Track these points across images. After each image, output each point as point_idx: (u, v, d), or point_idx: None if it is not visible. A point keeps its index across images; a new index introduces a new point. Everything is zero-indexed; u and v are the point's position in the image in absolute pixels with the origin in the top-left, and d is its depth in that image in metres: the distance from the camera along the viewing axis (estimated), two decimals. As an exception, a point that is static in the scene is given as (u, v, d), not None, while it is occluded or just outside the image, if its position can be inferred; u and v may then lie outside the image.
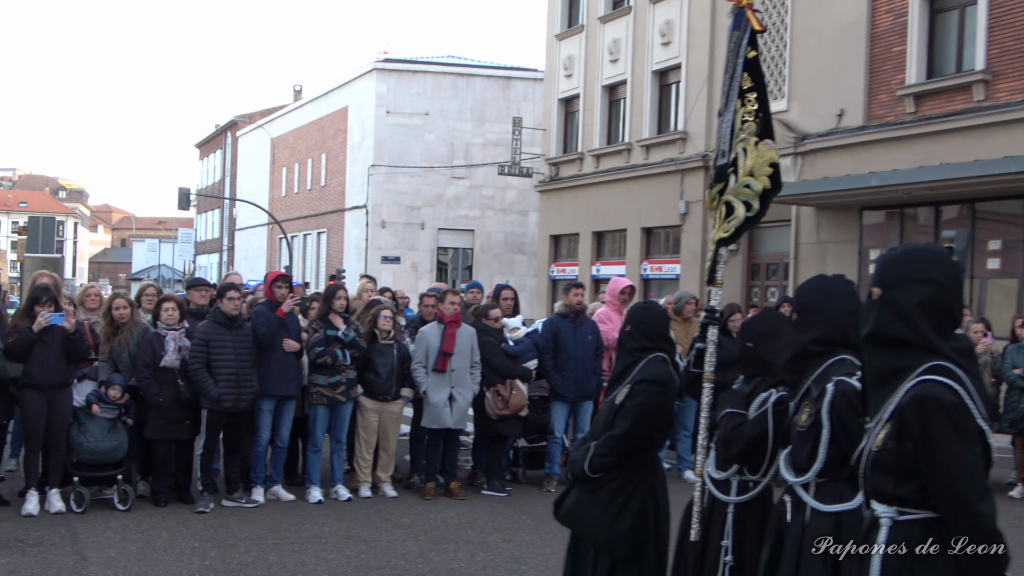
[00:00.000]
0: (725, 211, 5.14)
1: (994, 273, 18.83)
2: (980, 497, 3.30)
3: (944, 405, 3.31)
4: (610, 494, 5.32)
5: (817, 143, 21.94)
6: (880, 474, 3.47)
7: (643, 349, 5.45)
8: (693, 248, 25.76)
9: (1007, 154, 17.14)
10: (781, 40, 23.35)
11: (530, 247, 40.09)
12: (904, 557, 3.36)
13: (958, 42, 19.48)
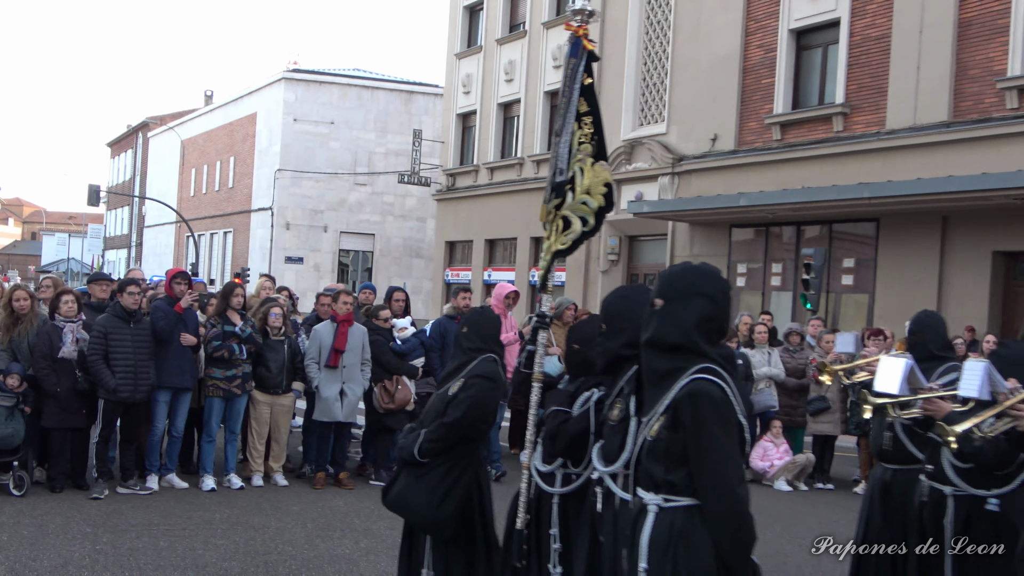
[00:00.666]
0: (562, 225, 5.23)
1: (847, 288, 19.43)
2: (739, 482, 3.54)
3: (714, 399, 3.55)
4: (437, 479, 5.40)
5: (693, 164, 22.36)
6: (653, 461, 3.64)
7: (477, 349, 5.60)
8: (577, 257, 25.96)
9: (861, 181, 17.72)
10: (663, 69, 23.74)
11: (427, 252, 40.02)
12: (668, 540, 3.54)
13: (821, 77, 20.07)
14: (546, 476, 5.00)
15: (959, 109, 17.15)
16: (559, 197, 5.23)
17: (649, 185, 23.62)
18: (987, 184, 15.44)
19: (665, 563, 3.54)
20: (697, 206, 21.04)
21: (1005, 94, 16.36)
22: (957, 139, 16.94)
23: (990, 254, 16.84)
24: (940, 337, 6.12)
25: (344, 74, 43.24)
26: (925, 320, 6.24)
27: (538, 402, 5.09)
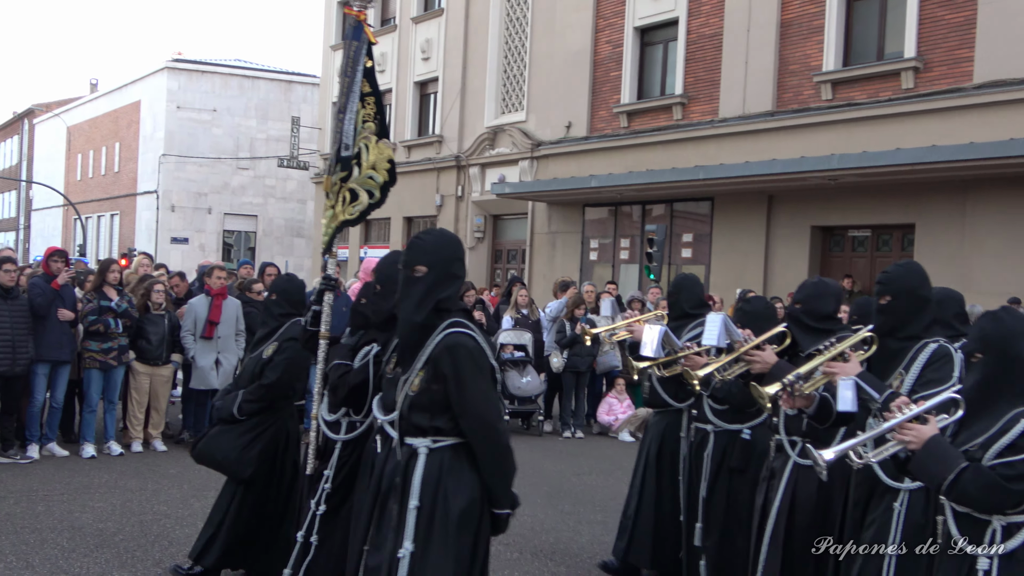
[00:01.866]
0: (350, 197, 5.23)
1: (687, 261, 19.93)
2: (498, 419, 3.71)
3: (469, 350, 3.68)
4: (246, 428, 5.43)
5: (550, 149, 22.54)
6: (417, 412, 3.74)
7: (287, 314, 5.65)
8: (447, 235, 25.94)
9: (697, 164, 18.17)
10: (522, 62, 23.83)
11: (308, 231, 39.35)
12: (439, 476, 3.66)
13: (662, 70, 20.44)
14: (331, 424, 4.98)
15: (782, 100, 17.73)
16: (345, 170, 5.21)
17: (511, 168, 23.73)
18: (805, 167, 16.02)
19: (437, 498, 3.64)
20: (553, 187, 21.24)
21: (821, 87, 16.98)
22: (780, 127, 17.51)
23: (809, 229, 17.51)
24: (694, 296, 6.39)
25: (226, 64, 42.01)
26: (681, 282, 6.52)
27: (324, 358, 5.02)
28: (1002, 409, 3.46)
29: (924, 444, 3.48)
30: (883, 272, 4.52)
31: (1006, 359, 3.52)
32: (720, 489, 5.75)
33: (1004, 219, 14.62)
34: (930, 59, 15.56)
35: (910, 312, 4.36)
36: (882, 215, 16.50)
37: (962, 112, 14.92)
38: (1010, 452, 3.35)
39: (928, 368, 4.19)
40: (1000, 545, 3.38)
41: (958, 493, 3.40)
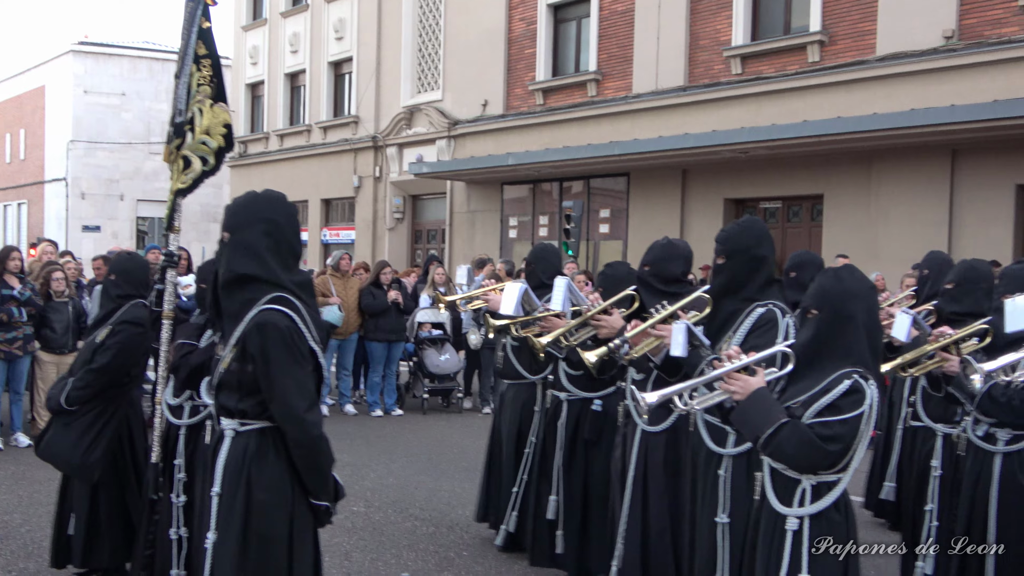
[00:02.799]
0: (183, 164, 4.96)
1: (605, 236, 20.12)
2: (308, 408, 3.41)
3: (280, 329, 3.37)
4: (85, 426, 5.10)
5: (466, 128, 22.50)
6: (226, 392, 3.49)
7: (126, 296, 5.34)
8: (366, 216, 25.79)
9: (612, 140, 18.33)
10: (437, 40, 23.70)
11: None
12: (242, 462, 3.41)
13: (576, 47, 20.54)
14: (175, 409, 4.84)
15: (693, 75, 17.96)
16: (179, 137, 4.96)
17: (428, 148, 23.63)
18: (717, 140, 16.28)
19: (239, 484, 3.39)
20: (471, 166, 21.22)
21: (731, 62, 17.24)
22: (692, 101, 17.74)
23: (722, 201, 17.81)
24: (551, 266, 6.37)
25: (134, 46, 40.89)
26: (539, 252, 6.53)
27: (168, 339, 4.84)
28: (828, 368, 3.44)
29: (749, 395, 3.45)
30: (721, 231, 4.46)
31: (840, 318, 3.48)
32: (577, 462, 5.69)
33: (907, 188, 15.07)
34: (835, 33, 15.91)
35: (746, 272, 4.26)
36: (792, 186, 16.86)
37: (866, 84, 15.30)
38: (829, 412, 3.34)
39: (752, 334, 4.14)
40: (809, 506, 3.37)
41: (774, 448, 3.36)
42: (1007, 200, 14.22)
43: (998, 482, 4.40)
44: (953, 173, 14.73)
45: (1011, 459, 4.40)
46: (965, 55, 14.25)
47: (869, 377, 3.39)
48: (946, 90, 14.11)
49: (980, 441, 4.51)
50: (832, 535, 3.37)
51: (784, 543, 3.38)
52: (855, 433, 3.31)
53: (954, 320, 4.99)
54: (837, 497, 3.39)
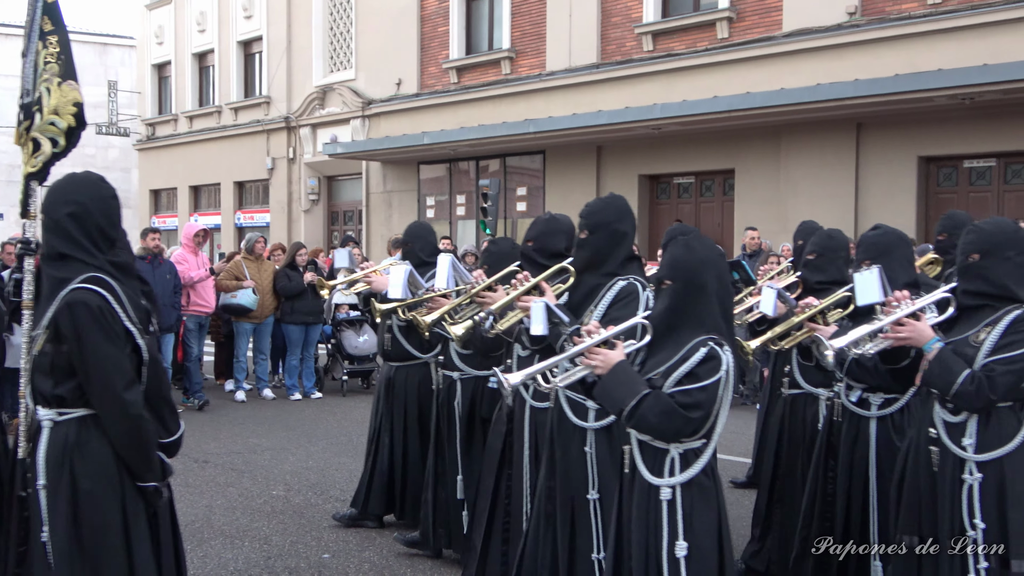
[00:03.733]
0: (33, 147, 4.78)
1: (522, 214, 20.17)
2: (126, 387, 3.38)
3: (91, 308, 3.34)
4: None
5: (381, 107, 22.30)
6: (41, 376, 3.45)
7: None
8: (281, 199, 25.41)
9: (527, 118, 18.36)
10: (348, 18, 23.39)
11: (134, 201, 37.67)
12: (63, 452, 3.38)
13: (489, 25, 20.48)
14: None
15: (605, 52, 18.07)
16: (28, 119, 4.77)
17: (342, 128, 23.36)
18: (630, 117, 16.43)
19: (62, 475, 3.37)
20: (386, 145, 21.04)
21: (642, 38, 17.39)
22: (605, 79, 17.86)
23: (636, 178, 17.99)
24: (429, 245, 6.37)
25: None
26: (415, 230, 6.48)
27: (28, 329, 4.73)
28: (685, 337, 3.48)
29: (610, 369, 3.48)
30: (584, 206, 4.49)
31: (693, 287, 3.53)
32: (476, 441, 5.69)
33: (815, 161, 15.43)
34: (743, 9, 16.16)
35: (607, 247, 4.30)
36: (704, 162, 17.12)
37: (773, 60, 15.60)
38: (688, 380, 3.39)
39: (613, 306, 4.17)
40: (680, 475, 3.43)
41: (638, 420, 3.39)
42: (910, 171, 14.67)
43: (875, 445, 4.55)
44: (858, 146, 15.13)
45: (885, 423, 4.55)
46: (868, 31, 14.62)
47: (724, 343, 3.46)
48: (850, 65, 14.47)
49: (854, 407, 4.64)
50: (704, 500, 3.45)
51: (661, 513, 3.44)
52: (715, 399, 3.38)
53: (819, 289, 5.07)
54: (705, 463, 3.46)
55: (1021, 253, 3.87)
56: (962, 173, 14.64)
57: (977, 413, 3.76)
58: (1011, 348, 3.70)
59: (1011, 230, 3.94)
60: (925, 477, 3.92)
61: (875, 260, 4.46)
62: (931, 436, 3.89)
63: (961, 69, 12.96)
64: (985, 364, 3.71)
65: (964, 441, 3.78)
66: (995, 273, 3.85)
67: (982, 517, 3.70)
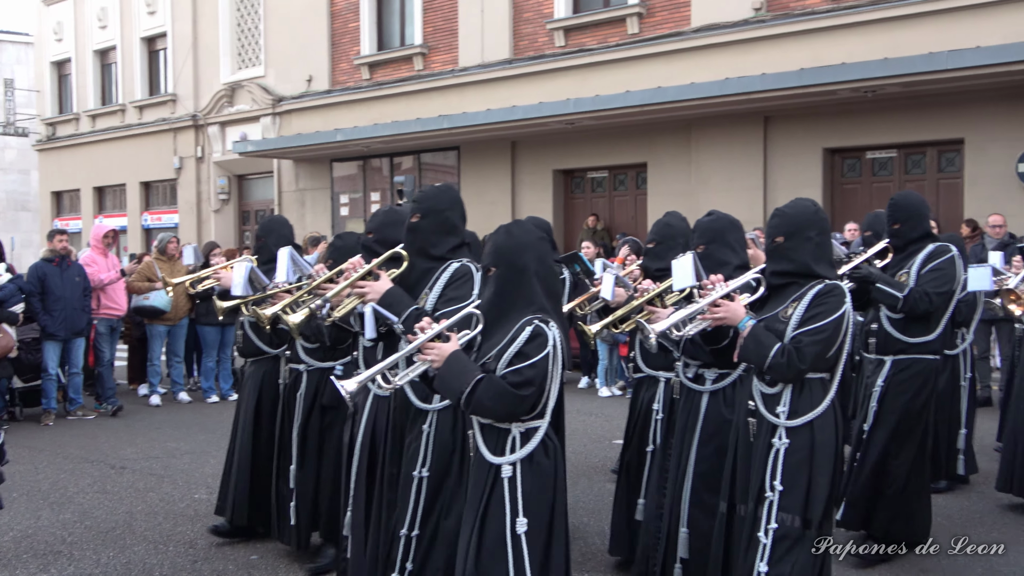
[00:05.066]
0: None
1: (438, 211, 20.10)
2: None
3: None
4: None
5: (292, 104, 22.00)
6: None
7: None
8: (189, 199, 24.87)
9: (441, 114, 18.32)
10: (256, 14, 23.00)
11: (34, 204, 36.44)
12: None
13: (401, 21, 20.36)
14: None
15: (518, 48, 18.15)
16: None
17: (252, 126, 22.97)
18: (544, 112, 16.51)
19: None
20: (298, 143, 20.77)
21: (554, 34, 17.51)
22: (518, 74, 17.93)
23: (551, 172, 18.13)
24: (283, 239, 6.24)
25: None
26: (269, 225, 6.44)
27: None
28: (514, 319, 3.59)
29: (445, 361, 3.56)
30: (418, 191, 4.61)
31: (515, 270, 3.65)
32: (313, 428, 5.65)
33: (725, 154, 15.75)
34: (652, 5, 16.39)
35: (437, 233, 4.37)
36: (617, 156, 17.33)
37: (683, 55, 15.86)
38: (518, 359, 3.49)
39: (449, 287, 4.26)
40: (520, 451, 3.54)
41: (475, 405, 3.48)
42: (815, 163, 15.08)
43: (703, 417, 4.76)
44: (766, 139, 15.50)
45: (716, 396, 4.75)
46: (773, 26, 14.97)
47: (550, 320, 3.57)
48: (757, 59, 14.80)
49: (690, 383, 4.86)
50: (541, 478, 3.54)
51: (503, 491, 3.53)
52: (544, 374, 3.49)
53: (658, 276, 5.19)
54: (540, 440, 3.55)
55: (821, 233, 4.19)
56: (865, 164, 15.11)
57: (790, 383, 4.03)
58: (815, 320, 3.99)
59: (811, 212, 4.23)
60: (743, 447, 4.18)
61: (708, 244, 4.78)
62: (750, 408, 4.15)
63: (863, 63, 13.37)
64: (793, 336, 3.99)
65: (778, 409, 4.05)
66: (798, 253, 4.15)
67: (782, 480, 3.96)
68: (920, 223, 5.78)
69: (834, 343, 4.01)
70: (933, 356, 5.67)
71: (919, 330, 5.63)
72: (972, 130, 13.66)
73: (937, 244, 5.71)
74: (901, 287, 5.55)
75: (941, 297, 5.58)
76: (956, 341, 7.31)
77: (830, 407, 4.03)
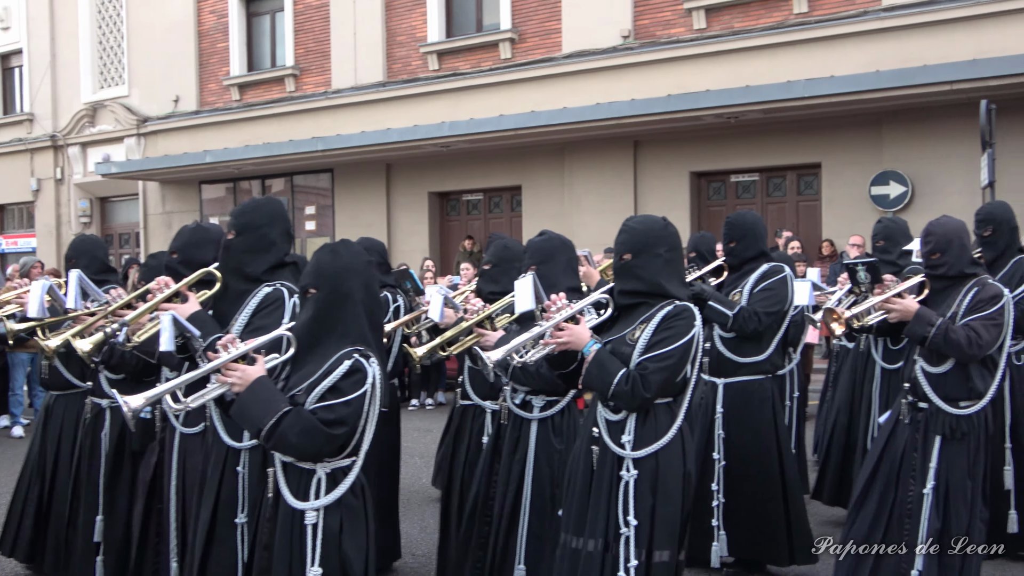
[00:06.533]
0: None
1: (311, 233, 19.85)
2: None
3: None
4: None
5: (158, 125, 21.37)
6: None
7: None
8: (48, 222, 23.82)
9: (315, 136, 18.13)
10: (119, 31, 22.28)
11: None
12: None
13: (272, 42, 20.07)
14: None
15: (392, 70, 18.13)
16: None
17: (116, 147, 22.20)
18: (419, 135, 16.52)
19: None
20: (165, 165, 20.18)
21: (428, 57, 17.57)
22: (393, 96, 17.88)
23: (427, 195, 18.14)
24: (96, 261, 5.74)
25: None
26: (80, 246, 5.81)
27: None
28: (331, 349, 3.32)
29: (248, 386, 3.27)
30: (236, 206, 4.28)
31: (338, 295, 3.38)
32: (123, 476, 5.18)
33: (597, 177, 16.09)
34: (524, 31, 16.66)
35: (253, 251, 4.09)
36: (492, 179, 17.48)
37: (556, 80, 16.14)
38: (332, 395, 3.22)
39: (256, 314, 3.98)
40: (324, 497, 3.27)
41: (277, 439, 3.19)
42: (683, 186, 15.56)
43: (534, 446, 4.54)
44: (636, 163, 15.91)
45: (545, 424, 4.56)
46: (641, 53, 15.41)
47: (371, 355, 3.32)
48: (627, 86, 15.20)
49: (518, 409, 4.62)
50: (351, 521, 3.32)
51: (305, 539, 3.26)
52: (359, 414, 3.24)
53: (492, 299, 5.03)
54: (352, 482, 3.32)
55: (671, 249, 3.95)
56: (730, 187, 15.68)
57: (635, 412, 3.79)
58: (662, 344, 3.73)
59: (659, 228, 4.00)
60: (584, 476, 3.90)
61: (540, 265, 4.52)
62: (593, 435, 3.87)
63: (726, 90, 13.91)
64: (639, 363, 3.73)
65: (623, 438, 3.79)
66: (647, 271, 3.89)
67: (635, 514, 3.72)
68: (755, 242, 5.70)
69: (681, 369, 3.78)
70: (764, 376, 5.58)
71: (750, 350, 5.54)
72: (828, 155, 14.36)
73: (771, 264, 5.64)
74: (733, 306, 5.48)
75: (771, 317, 5.48)
76: (784, 361, 7.39)
77: (677, 434, 3.82)
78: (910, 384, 4.70)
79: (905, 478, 4.62)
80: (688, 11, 15.07)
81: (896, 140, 13.81)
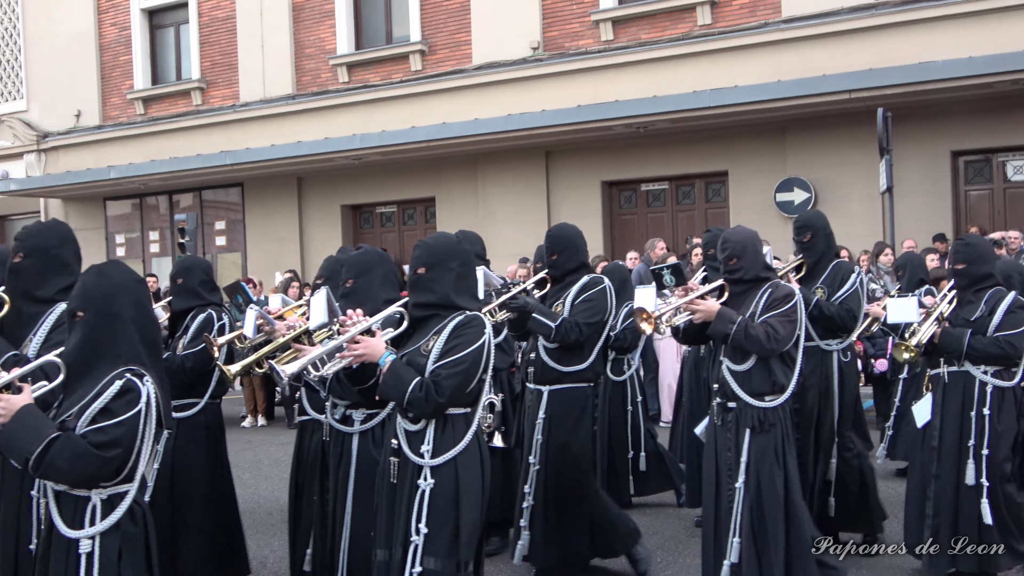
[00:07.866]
0: None
1: (222, 248, 19.52)
2: None
3: None
4: None
5: (59, 140, 20.74)
6: None
7: None
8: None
9: (223, 149, 17.84)
10: (15, 44, 21.60)
11: None
12: None
13: (176, 54, 19.68)
14: None
15: (301, 83, 17.95)
16: None
17: (15, 163, 21.45)
18: (330, 148, 16.37)
19: None
20: (67, 181, 19.56)
21: (337, 70, 17.44)
22: (303, 109, 17.69)
23: (339, 208, 17.99)
24: None
25: None
26: None
27: None
28: (103, 371, 3.24)
29: (13, 415, 3.13)
30: (23, 228, 4.32)
31: (107, 316, 3.30)
32: None
33: (510, 188, 16.17)
34: (434, 43, 16.67)
35: (44, 273, 4.09)
36: (406, 191, 17.42)
37: (467, 91, 16.17)
38: (103, 416, 3.14)
39: (55, 331, 3.95)
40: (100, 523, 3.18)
41: (47, 467, 3.06)
42: (595, 195, 15.75)
43: (355, 460, 4.59)
44: (548, 173, 16.04)
45: (366, 437, 4.60)
46: (551, 64, 15.56)
47: (145, 374, 3.27)
48: (538, 96, 15.31)
49: (338, 424, 4.67)
50: (131, 548, 3.22)
51: (79, 571, 3.15)
52: (134, 434, 3.16)
53: None
54: (129, 505, 3.23)
55: (463, 264, 4.06)
56: (640, 196, 15.92)
57: (431, 419, 3.86)
58: (454, 352, 3.82)
59: (452, 243, 4.12)
60: (389, 489, 3.96)
61: (357, 279, 4.59)
62: (392, 447, 3.95)
63: (635, 100, 14.11)
64: (432, 370, 3.80)
65: (422, 448, 3.85)
66: (439, 284, 3.99)
67: (428, 522, 3.77)
68: (575, 254, 5.80)
69: (474, 375, 3.85)
70: (586, 384, 5.70)
71: (573, 359, 5.65)
72: (735, 163, 14.69)
73: (591, 276, 5.78)
74: (555, 317, 5.59)
75: (591, 327, 5.60)
76: (623, 368, 7.43)
77: (474, 441, 3.88)
78: (719, 385, 4.90)
79: (723, 476, 4.84)
80: (595, 23, 15.28)
81: (799, 148, 14.20)
